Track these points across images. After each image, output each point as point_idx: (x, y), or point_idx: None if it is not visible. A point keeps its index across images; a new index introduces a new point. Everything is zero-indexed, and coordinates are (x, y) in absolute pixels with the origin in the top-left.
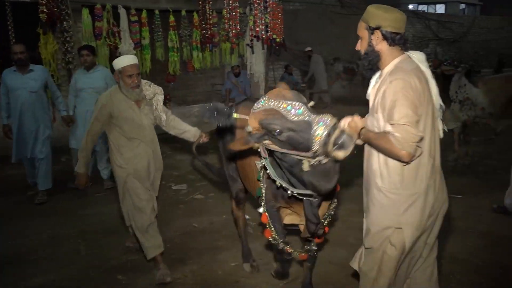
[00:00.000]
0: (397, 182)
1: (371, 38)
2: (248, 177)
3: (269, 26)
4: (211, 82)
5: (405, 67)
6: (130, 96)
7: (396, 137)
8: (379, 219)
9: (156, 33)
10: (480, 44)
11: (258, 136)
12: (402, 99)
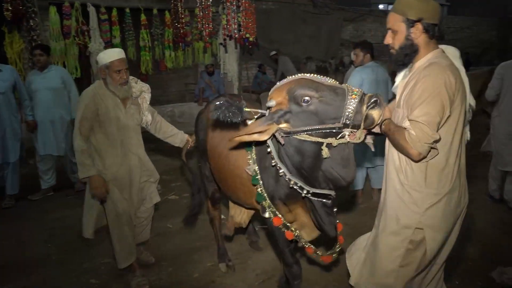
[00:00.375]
0: (420, 179)
1: (410, 31)
2: (228, 183)
3: (242, 25)
4: (184, 82)
5: (440, 62)
6: (118, 93)
7: (410, 134)
8: (399, 216)
9: (127, 32)
10: (448, 43)
11: (279, 114)
12: (430, 97)
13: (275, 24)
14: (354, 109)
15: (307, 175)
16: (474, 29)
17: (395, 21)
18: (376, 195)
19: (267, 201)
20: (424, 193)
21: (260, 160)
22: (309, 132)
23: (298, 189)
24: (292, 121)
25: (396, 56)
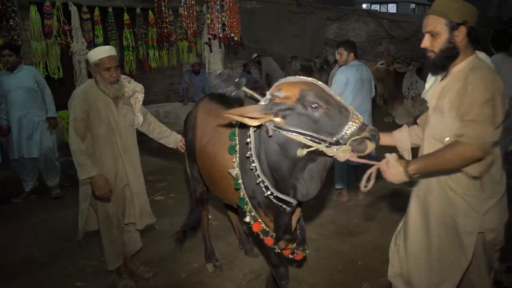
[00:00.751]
0: (477, 185)
1: (453, 34)
2: (217, 184)
3: (226, 24)
4: (169, 82)
5: (485, 65)
6: (108, 92)
7: (465, 136)
8: (458, 223)
9: (110, 32)
10: None
11: (281, 108)
12: (487, 98)
13: (260, 24)
14: (352, 133)
15: (279, 178)
16: None
17: (436, 24)
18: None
19: (248, 205)
20: (481, 198)
21: (242, 163)
22: (304, 136)
23: (263, 188)
24: (289, 119)
25: (436, 59)
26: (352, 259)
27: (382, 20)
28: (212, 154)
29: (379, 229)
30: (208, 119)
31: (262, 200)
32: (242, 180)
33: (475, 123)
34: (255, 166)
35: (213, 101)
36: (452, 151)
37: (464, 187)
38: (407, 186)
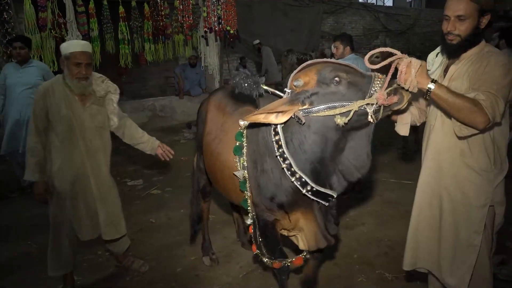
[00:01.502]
0: (489, 161)
1: (480, 21)
2: (219, 182)
3: (223, 18)
4: (165, 75)
5: (501, 52)
6: (74, 88)
7: (485, 101)
8: (472, 197)
9: (105, 25)
10: (426, 36)
11: (305, 95)
12: (505, 81)
13: (256, 17)
14: (381, 86)
15: (321, 169)
16: None
17: (467, 9)
18: None
19: (251, 208)
20: (494, 173)
21: (255, 162)
22: (334, 109)
23: (300, 185)
24: (316, 103)
25: (459, 45)
26: (348, 252)
27: (378, 13)
28: (216, 152)
29: (375, 223)
30: (217, 116)
31: (286, 199)
32: (255, 181)
33: (495, 97)
34: (289, 163)
35: (224, 97)
36: (471, 105)
37: (481, 163)
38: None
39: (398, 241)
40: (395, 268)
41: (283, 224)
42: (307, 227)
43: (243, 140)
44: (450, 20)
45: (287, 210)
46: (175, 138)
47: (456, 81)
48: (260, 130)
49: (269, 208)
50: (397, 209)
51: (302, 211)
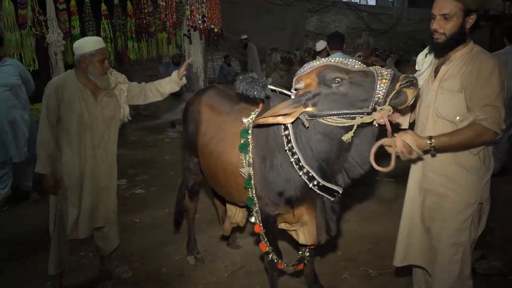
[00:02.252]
0: (478, 159)
1: (465, 20)
2: (221, 181)
3: (206, 16)
4: (148, 74)
5: (490, 53)
6: (100, 83)
7: (487, 120)
8: (462, 196)
9: (87, 23)
10: (408, 35)
11: (308, 97)
12: (498, 84)
13: (240, 15)
14: (385, 92)
15: (327, 167)
16: None
17: (452, 8)
18: None
19: (256, 206)
20: (483, 170)
21: (264, 158)
22: (336, 116)
23: (307, 179)
24: (319, 105)
25: (445, 43)
26: (332, 249)
27: (361, 12)
28: (216, 152)
29: (358, 220)
30: (212, 116)
31: (294, 194)
32: (257, 178)
33: (495, 109)
34: (297, 158)
35: (217, 96)
36: (475, 133)
37: (472, 162)
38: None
39: (381, 238)
40: (379, 264)
41: (286, 218)
42: (311, 222)
43: (249, 137)
44: (436, 18)
45: (293, 205)
46: (159, 137)
47: (448, 81)
48: (271, 125)
49: (275, 203)
50: (380, 206)
51: (307, 207)
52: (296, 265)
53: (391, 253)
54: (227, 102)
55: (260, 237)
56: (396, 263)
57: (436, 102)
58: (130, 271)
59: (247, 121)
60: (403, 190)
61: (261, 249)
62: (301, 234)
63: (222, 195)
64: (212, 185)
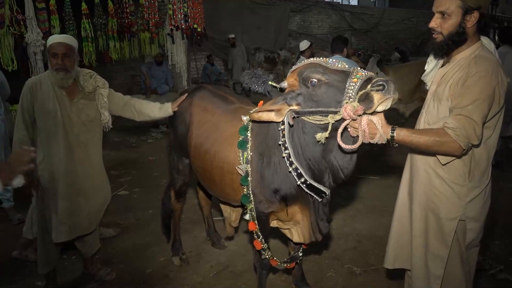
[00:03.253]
0: (464, 173)
1: (465, 19)
2: (216, 180)
3: (189, 15)
4: (131, 73)
5: (489, 57)
6: (53, 80)
7: (455, 130)
8: (441, 209)
9: (67, 22)
10: (390, 34)
11: (291, 96)
12: (483, 96)
13: (223, 14)
14: (355, 91)
15: (314, 167)
16: (414, 21)
17: (450, 5)
18: None
19: (251, 204)
20: (467, 186)
21: (262, 155)
22: (315, 115)
23: (296, 176)
24: (303, 104)
25: (442, 43)
26: (316, 248)
27: (344, 12)
28: (212, 151)
29: (342, 218)
30: (205, 116)
31: (289, 192)
32: (254, 175)
33: (469, 122)
34: (288, 153)
35: (209, 97)
36: (438, 139)
37: (453, 175)
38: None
39: (365, 235)
40: (363, 262)
41: (279, 216)
42: (304, 221)
43: (248, 134)
44: (434, 16)
45: (287, 203)
46: (143, 138)
47: (441, 87)
48: (272, 123)
49: (269, 200)
50: (363, 203)
51: (300, 205)
52: (289, 263)
53: (375, 250)
54: (220, 102)
55: (254, 235)
56: (386, 265)
57: (428, 108)
58: (113, 273)
59: (246, 119)
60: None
61: (256, 246)
62: (295, 233)
63: (216, 195)
64: (206, 185)
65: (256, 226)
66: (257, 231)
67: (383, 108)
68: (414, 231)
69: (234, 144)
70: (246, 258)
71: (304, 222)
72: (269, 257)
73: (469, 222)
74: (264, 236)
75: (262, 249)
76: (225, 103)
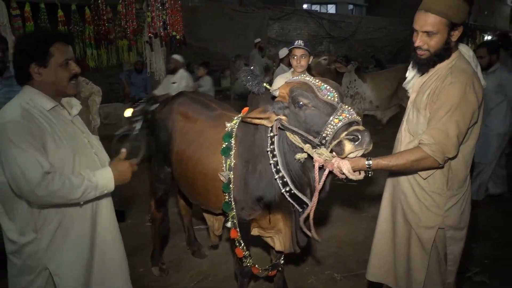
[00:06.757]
0: (442, 183)
1: (451, 35)
2: (198, 187)
3: (168, 23)
4: (109, 81)
5: (465, 67)
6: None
7: (431, 146)
8: (421, 218)
9: None
10: (367, 42)
11: (280, 106)
12: (457, 107)
13: (203, 22)
14: (333, 133)
15: (295, 178)
16: (390, 29)
17: (435, 24)
18: None
19: (232, 211)
20: (446, 195)
21: (246, 162)
22: (295, 134)
23: (281, 184)
24: (289, 117)
25: (428, 59)
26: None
27: (322, 20)
28: (195, 157)
29: (323, 223)
30: (187, 123)
31: (273, 200)
32: (236, 182)
33: (443, 135)
34: (276, 160)
35: (190, 103)
36: (415, 157)
37: (432, 185)
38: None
39: (345, 241)
40: (343, 268)
41: (261, 224)
42: (286, 230)
43: (232, 141)
44: (419, 34)
45: (270, 211)
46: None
47: (419, 95)
48: (258, 130)
49: (251, 207)
50: (343, 209)
51: (283, 214)
52: (270, 270)
53: (355, 256)
54: (202, 108)
55: (236, 243)
56: (368, 277)
57: (408, 117)
58: None
59: (230, 125)
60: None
61: (237, 254)
62: (277, 241)
63: (198, 203)
64: (188, 192)
65: (238, 234)
66: (239, 238)
67: (354, 155)
68: (397, 238)
69: (218, 150)
70: (227, 266)
71: (285, 231)
72: (251, 264)
73: (449, 230)
74: (246, 243)
75: (243, 257)
76: (207, 110)
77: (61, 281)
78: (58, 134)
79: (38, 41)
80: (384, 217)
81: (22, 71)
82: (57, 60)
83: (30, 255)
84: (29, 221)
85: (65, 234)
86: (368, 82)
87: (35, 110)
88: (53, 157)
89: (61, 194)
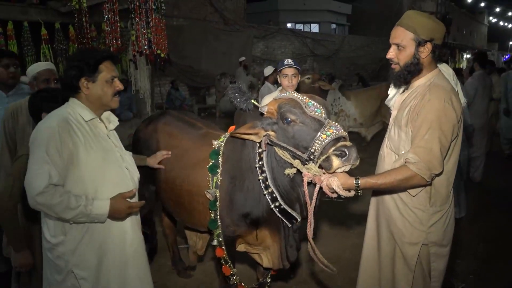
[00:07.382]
0: (425, 200)
1: (418, 50)
2: (185, 205)
3: (153, 41)
4: None
5: (442, 84)
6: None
7: (417, 164)
8: (405, 234)
9: (26, 47)
10: (350, 60)
11: (268, 122)
12: (437, 123)
13: (187, 41)
14: (321, 148)
15: (283, 194)
16: (372, 47)
17: (404, 37)
18: None
19: (218, 229)
20: (428, 212)
21: (233, 178)
22: (283, 150)
23: (270, 200)
24: (277, 133)
25: (399, 73)
26: (284, 272)
27: (305, 39)
28: (181, 175)
29: None
30: (172, 142)
31: (261, 216)
32: (223, 199)
33: (427, 152)
34: (265, 176)
35: (175, 122)
36: (402, 176)
37: (415, 201)
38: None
39: (331, 258)
40: (330, 285)
41: (247, 240)
42: (274, 246)
43: (219, 158)
44: (391, 47)
45: (258, 227)
46: None
47: (400, 112)
48: (246, 146)
49: (236, 224)
50: (330, 226)
51: (270, 230)
52: None
53: (341, 273)
54: (187, 127)
55: (222, 261)
56: None
57: (390, 134)
58: None
59: (217, 143)
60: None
61: (224, 272)
62: (265, 258)
63: (184, 221)
64: (174, 210)
65: (223, 252)
66: (225, 256)
67: (342, 171)
68: (382, 255)
69: (204, 168)
70: (213, 286)
71: (274, 247)
72: (237, 282)
73: (432, 246)
74: (232, 260)
75: (231, 274)
76: (192, 129)
77: (86, 283)
78: (91, 145)
79: (90, 58)
80: (370, 234)
81: (72, 84)
82: (105, 77)
83: (59, 256)
84: (59, 223)
85: (91, 240)
86: (352, 100)
87: (73, 121)
88: (84, 166)
89: (56, 210)
